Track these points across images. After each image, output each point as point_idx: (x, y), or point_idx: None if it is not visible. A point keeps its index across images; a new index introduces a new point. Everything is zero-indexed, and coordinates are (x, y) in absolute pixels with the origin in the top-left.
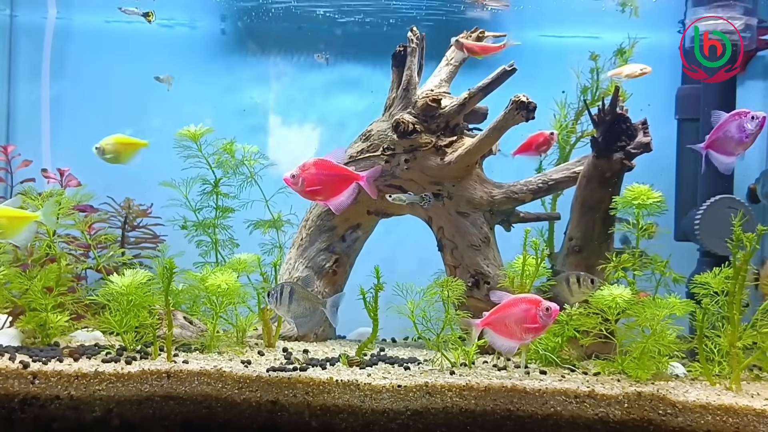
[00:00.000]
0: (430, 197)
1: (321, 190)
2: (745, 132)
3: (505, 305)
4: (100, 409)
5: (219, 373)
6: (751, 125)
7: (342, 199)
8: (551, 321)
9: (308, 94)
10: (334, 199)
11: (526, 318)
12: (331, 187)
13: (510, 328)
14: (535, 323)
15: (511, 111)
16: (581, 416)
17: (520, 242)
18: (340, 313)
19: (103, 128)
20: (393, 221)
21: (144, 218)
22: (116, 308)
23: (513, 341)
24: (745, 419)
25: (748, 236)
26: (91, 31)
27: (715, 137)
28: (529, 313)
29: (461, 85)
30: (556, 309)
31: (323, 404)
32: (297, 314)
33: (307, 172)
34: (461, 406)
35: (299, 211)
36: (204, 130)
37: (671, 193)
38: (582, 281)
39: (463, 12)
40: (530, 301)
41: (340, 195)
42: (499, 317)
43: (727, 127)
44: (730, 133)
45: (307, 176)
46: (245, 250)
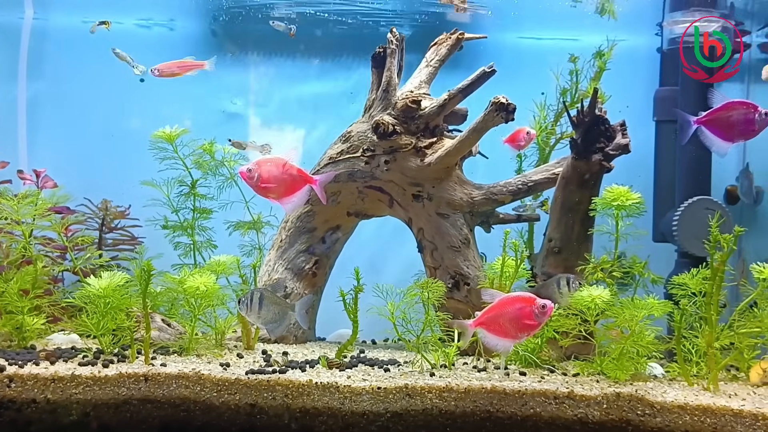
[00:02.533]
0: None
1: (275, 188)
2: (752, 125)
3: (499, 304)
4: (77, 412)
5: (197, 376)
6: (760, 120)
7: (294, 200)
8: (547, 318)
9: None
10: (286, 199)
11: (522, 316)
12: (285, 186)
13: (504, 327)
14: (531, 321)
15: (490, 112)
16: (561, 417)
17: (499, 244)
18: (320, 315)
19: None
20: (379, 223)
21: (121, 220)
22: (93, 311)
23: (508, 340)
24: (722, 419)
25: (725, 237)
26: (69, 31)
27: (714, 117)
28: (525, 311)
29: (441, 86)
30: (551, 306)
31: (303, 407)
32: (267, 320)
33: (263, 169)
34: (441, 407)
35: (279, 213)
36: (179, 131)
37: (649, 195)
38: (571, 284)
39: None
40: (525, 299)
41: (292, 196)
42: (492, 316)
43: (731, 113)
44: (733, 119)
45: (262, 172)
46: (225, 252)
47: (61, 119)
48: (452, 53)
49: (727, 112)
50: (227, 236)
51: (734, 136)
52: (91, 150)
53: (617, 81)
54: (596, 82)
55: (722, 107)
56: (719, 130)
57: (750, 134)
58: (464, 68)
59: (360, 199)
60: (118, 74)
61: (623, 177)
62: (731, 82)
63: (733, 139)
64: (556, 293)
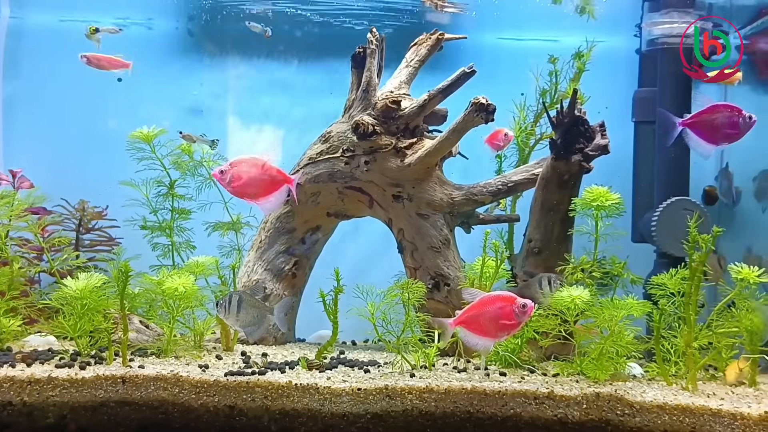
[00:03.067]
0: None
1: (249, 189)
2: (736, 128)
3: (479, 303)
4: (54, 415)
5: (176, 378)
6: (744, 123)
7: (272, 200)
8: (527, 318)
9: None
10: (263, 200)
11: (502, 315)
12: (260, 187)
13: (484, 326)
14: (511, 320)
15: (470, 113)
16: (541, 417)
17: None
18: (300, 316)
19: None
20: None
21: (99, 220)
22: (70, 312)
23: (488, 339)
24: (701, 419)
25: (703, 237)
26: (46, 30)
27: (698, 119)
28: (505, 310)
29: (421, 87)
30: (531, 306)
31: (282, 408)
32: (245, 323)
33: (237, 170)
34: (421, 408)
35: (258, 214)
36: (157, 131)
37: (628, 195)
38: (552, 283)
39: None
40: (505, 298)
41: (269, 197)
42: (473, 315)
43: (716, 115)
44: (717, 121)
45: (236, 174)
46: (204, 253)
47: (37, 119)
48: (432, 54)
49: (711, 115)
50: (206, 237)
51: (718, 139)
52: (68, 150)
53: (596, 82)
54: (576, 83)
55: (707, 110)
56: (704, 133)
57: (734, 137)
58: (444, 69)
59: (340, 199)
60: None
61: (603, 178)
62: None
63: (717, 141)
64: (538, 293)
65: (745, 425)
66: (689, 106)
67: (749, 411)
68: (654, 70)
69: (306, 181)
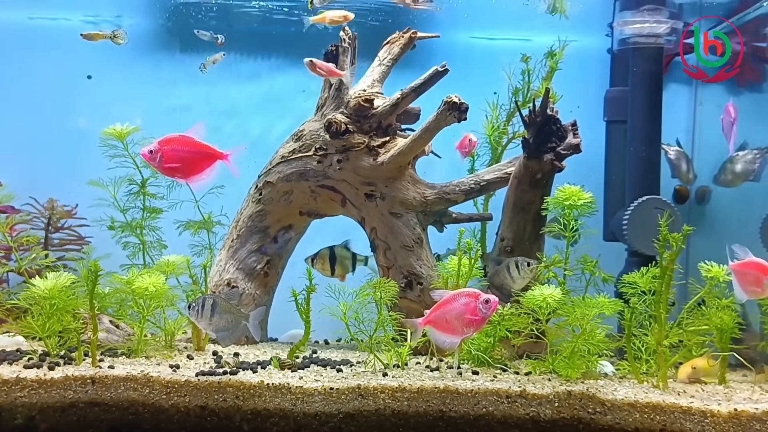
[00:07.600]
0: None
1: (180, 167)
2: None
3: (445, 301)
4: (23, 416)
5: (146, 378)
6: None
7: (203, 178)
8: (491, 313)
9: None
10: (194, 177)
11: (466, 311)
12: (192, 164)
13: (451, 324)
14: (475, 316)
15: (443, 112)
16: (513, 416)
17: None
18: (272, 316)
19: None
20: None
21: (68, 219)
22: (39, 312)
23: (455, 336)
24: (671, 416)
25: (674, 236)
26: (14, 27)
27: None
28: (469, 306)
29: (394, 85)
30: (495, 301)
31: (254, 408)
32: (219, 327)
33: (166, 148)
34: (394, 407)
35: (230, 212)
36: (130, 128)
37: (600, 194)
38: (520, 266)
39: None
40: (469, 294)
41: (201, 174)
42: (439, 314)
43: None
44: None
45: (165, 152)
46: (175, 252)
47: (5, 117)
48: (405, 52)
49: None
50: (177, 236)
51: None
52: (37, 148)
53: (568, 81)
54: (548, 82)
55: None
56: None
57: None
58: (417, 67)
59: (312, 198)
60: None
61: (575, 177)
62: (680, 84)
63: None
64: (508, 278)
65: (715, 422)
66: (660, 106)
67: (719, 408)
68: (625, 70)
69: (278, 180)
